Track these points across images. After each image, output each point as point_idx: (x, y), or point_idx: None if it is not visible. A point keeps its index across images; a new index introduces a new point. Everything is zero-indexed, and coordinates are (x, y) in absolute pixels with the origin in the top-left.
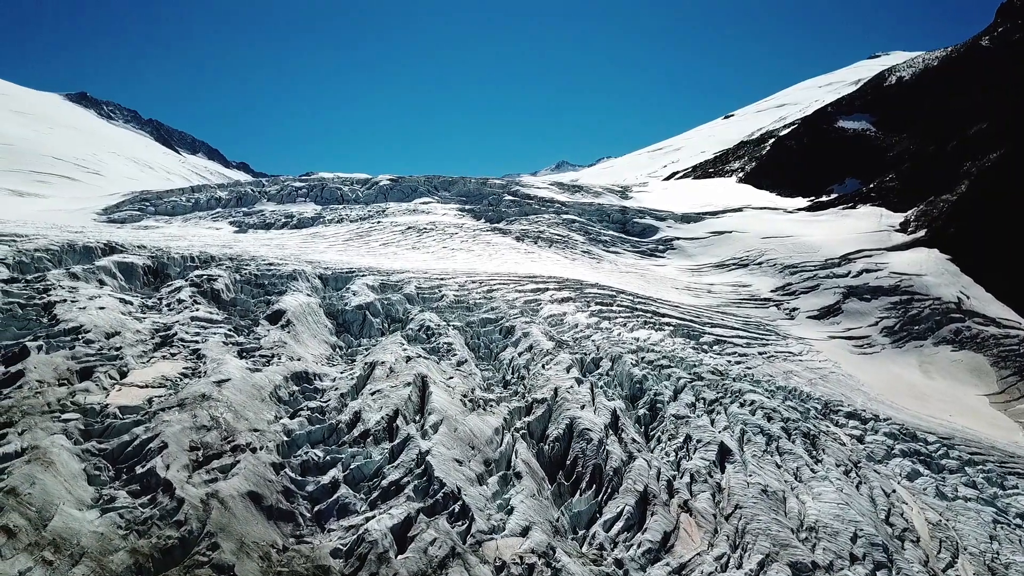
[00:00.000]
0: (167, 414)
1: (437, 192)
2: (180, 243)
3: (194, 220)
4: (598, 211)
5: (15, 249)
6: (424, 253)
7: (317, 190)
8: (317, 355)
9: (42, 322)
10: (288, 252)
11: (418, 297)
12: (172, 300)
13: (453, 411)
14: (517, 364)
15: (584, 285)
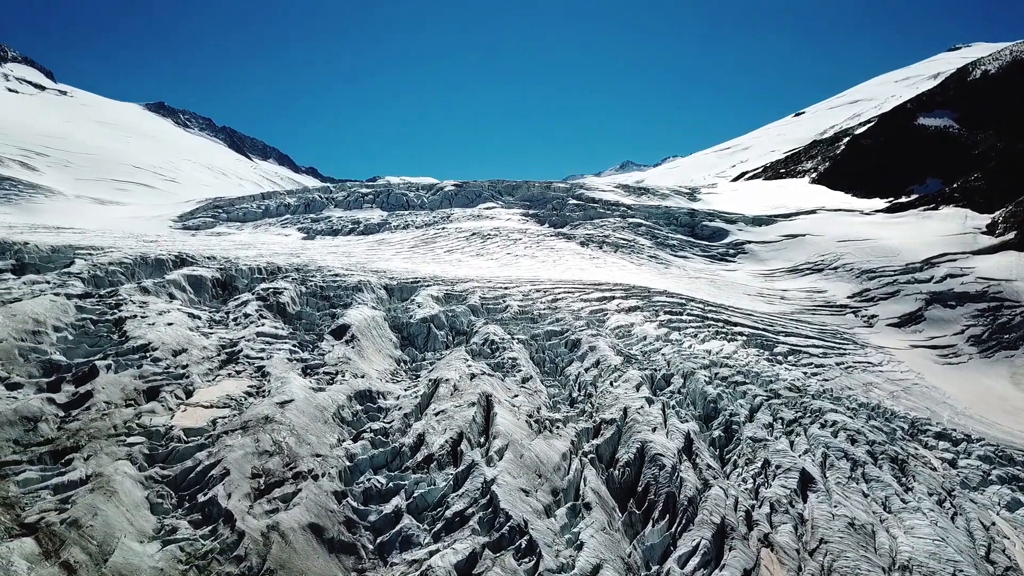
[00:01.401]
0: (230, 438)
1: (501, 197)
2: (249, 252)
3: (264, 227)
4: (665, 214)
5: (90, 263)
6: (488, 260)
7: (383, 196)
8: (381, 370)
9: (112, 339)
10: (354, 260)
11: (482, 308)
12: (239, 314)
13: (518, 435)
14: (584, 381)
15: (652, 293)
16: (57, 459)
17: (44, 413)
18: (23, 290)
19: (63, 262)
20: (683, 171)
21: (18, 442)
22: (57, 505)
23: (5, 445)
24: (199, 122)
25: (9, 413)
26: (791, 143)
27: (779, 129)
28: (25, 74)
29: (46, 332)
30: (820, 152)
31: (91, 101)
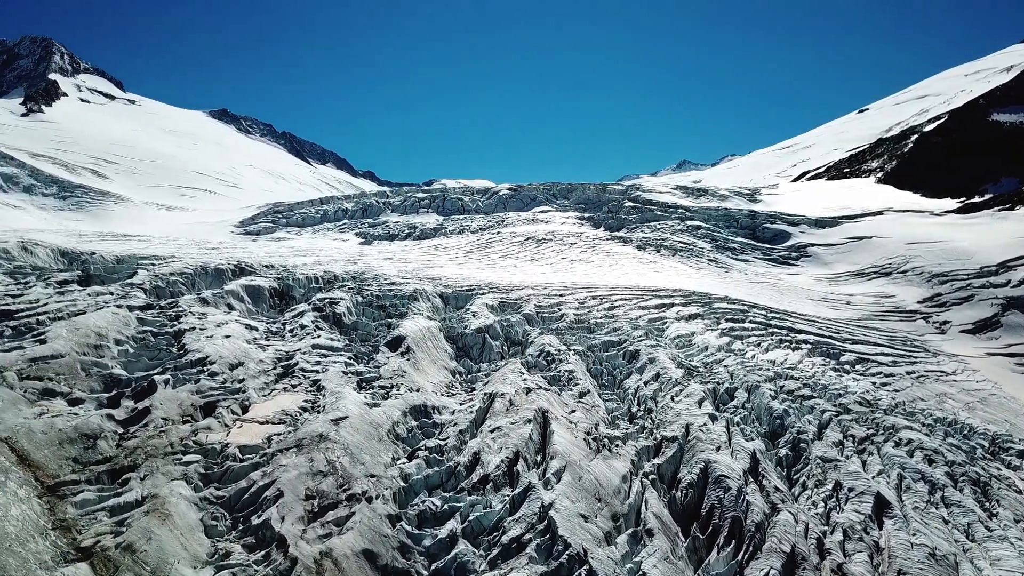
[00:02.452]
0: (284, 456)
1: (556, 200)
2: (307, 259)
3: (323, 231)
4: (725, 216)
5: (152, 273)
6: (543, 265)
7: (439, 201)
8: (436, 383)
9: (171, 352)
10: (410, 267)
11: (537, 317)
12: (295, 325)
13: (576, 455)
14: (643, 395)
15: (712, 299)
16: (114, 478)
17: (103, 430)
18: (87, 302)
19: (126, 272)
20: (742, 171)
21: (77, 460)
22: (113, 528)
23: (65, 464)
24: (260, 128)
25: (70, 430)
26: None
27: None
28: (96, 84)
29: (108, 345)
30: (886, 150)
31: (158, 109)
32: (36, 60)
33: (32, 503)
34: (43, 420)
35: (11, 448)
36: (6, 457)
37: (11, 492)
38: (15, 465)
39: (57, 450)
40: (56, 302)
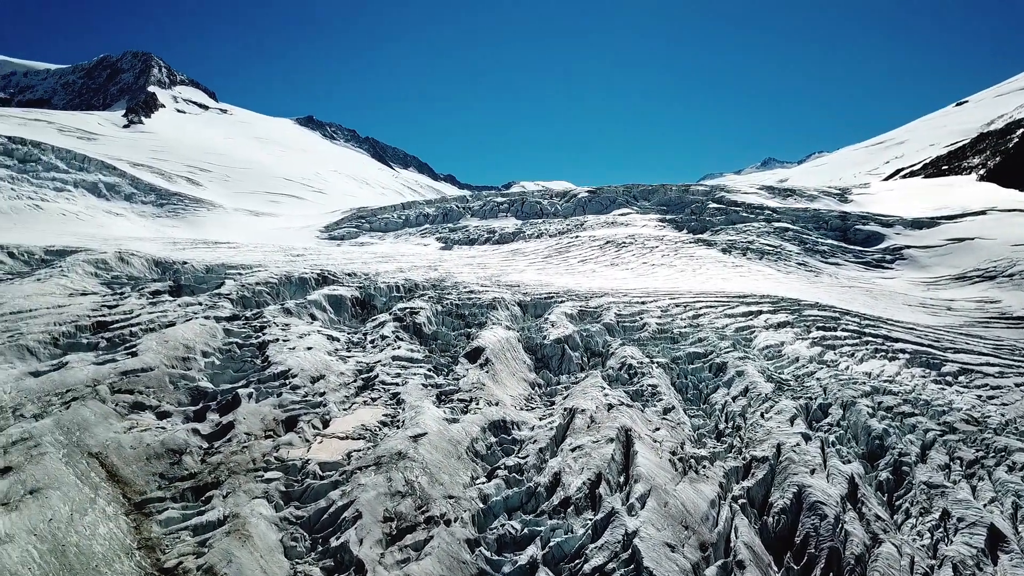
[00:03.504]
0: (363, 475)
1: (636, 202)
2: (388, 266)
3: (404, 236)
4: (814, 217)
5: (239, 283)
6: (623, 270)
7: (518, 205)
8: (515, 396)
9: (255, 363)
10: (489, 273)
11: (618, 326)
12: (376, 336)
13: (661, 478)
14: (731, 411)
15: (802, 305)
16: (198, 495)
17: (189, 445)
18: (177, 313)
19: (215, 282)
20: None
21: (163, 476)
22: (195, 548)
23: (151, 480)
24: (344, 134)
25: (157, 445)
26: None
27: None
28: (192, 95)
29: (195, 358)
30: (989, 146)
31: (248, 118)
32: (137, 74)
33: (119, 521)
34: (132, 435)
35: (101, 464)
36: (96, 473)
37: (99, 510)
38: (104, 481)
39: (144, 466)
40: (148, 313)
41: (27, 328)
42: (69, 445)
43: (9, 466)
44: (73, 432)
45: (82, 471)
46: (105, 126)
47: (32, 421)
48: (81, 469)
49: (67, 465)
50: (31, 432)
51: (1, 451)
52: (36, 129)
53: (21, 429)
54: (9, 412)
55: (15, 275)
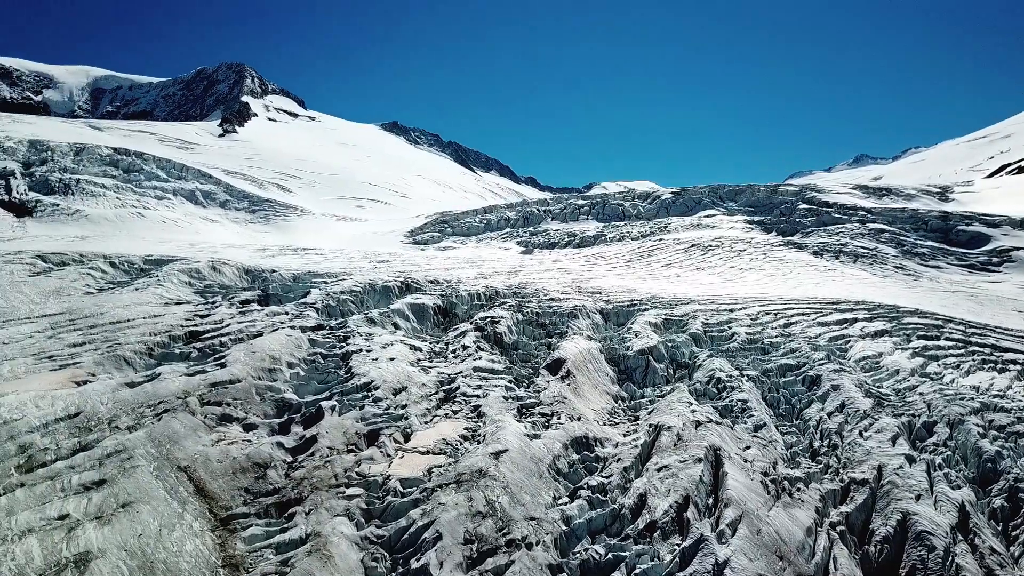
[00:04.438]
0: (444, 493)
1: (722, 203)
2: (470, 272)
3: (486, 240)
4: (912, 217)
5: (324, 292)
6: (709, 275)
7: (599, 207)
8: (598, 410)
9: (339, 374)
10: (570, 278)
11: (705, 336)
12: (457, 346)
13: (753, 502)
14: (827, 428)
15: (901, 312)
16: (281, 512)
17: (273, 459)
18: (265, 323)
19: (301, 291)
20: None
21: (248, 491)
22: (277, 568)
23: (237, 494)
24: (428, 139)
25: (243, 459)
26: None
27: None
28: (282, 104)
29: (280, 369)
30: None
31: (335, 125)
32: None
33: (205, 537)
34: (219, 448)
35: (189, 478)
36: (184, 487)
37: (187, 526)
38: (192, 496)
39: (230, 480)
40: (237, 323)
41: (124, 338)
42: (159, 458)
43: (103, 479)
44: (164, 445)
45: (171, 485)
46: (202, 135)
47: (126, 433)
48: (170, 483)
49: (157, 479)
50: (124, 444)
51: (97, 463)
52: (139, 140)
53: (116, 441)
54: (105, 424)
55: (116, 284)
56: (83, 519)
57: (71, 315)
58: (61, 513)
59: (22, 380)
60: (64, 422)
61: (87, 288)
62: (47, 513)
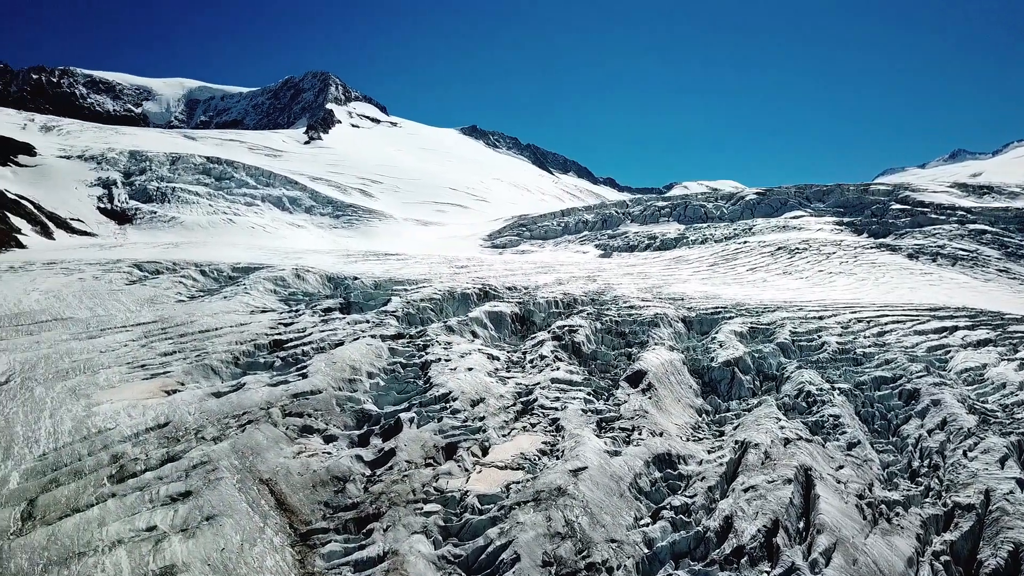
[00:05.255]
0: (522, 512)
1: (809, 204)
2: (547, 278)
3: (563, 244)
4: (1017, 217)
5: (405, 300)
6: (796, 279)
7: (680, 209)
8: (681, 425)
9: (418, 384)
10: (650, 283)
11: (793, 346)
12: (535, 356)
13: (848, 528)
14: (927, 447)
15: (1006, 320)
16: (360, 527)
17: (352, 473)
18: (346, 331)
19: (382, 299)
20: None
21: (328, 505)
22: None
23: (317, 509)
24: (507, 142)
25: (323, 472)
26: None
27: None
28: (365, 110)
29: (361, 379)
30: None
31: (416, 130)
32: (316, 92)
33: (285, 553)
34: (300, 460)
35: (271, 491)
36: (266, 501)
37: (267, 540)
38: (273, 509)
39: (311, 493)
40: (320, 331)
41: (212, 347)
42: (242, 470)
43: (189, 490)
44: (247, 457)
45: (253, 498)
46: (288, 143)
47: (211, 444)
48: (252, 496)
49: (240, 491)
50: (210, 456)
51: (183, 474)
52: (230, 149)
53: (201, 452)
54: (192, 434)
55: (205, 292)
56: (169, 531)
57: (163, 323)
58: (149, 525)
59: (116, 389)
60: (154, 432)
61: (179, 296)
62: (136, 524)
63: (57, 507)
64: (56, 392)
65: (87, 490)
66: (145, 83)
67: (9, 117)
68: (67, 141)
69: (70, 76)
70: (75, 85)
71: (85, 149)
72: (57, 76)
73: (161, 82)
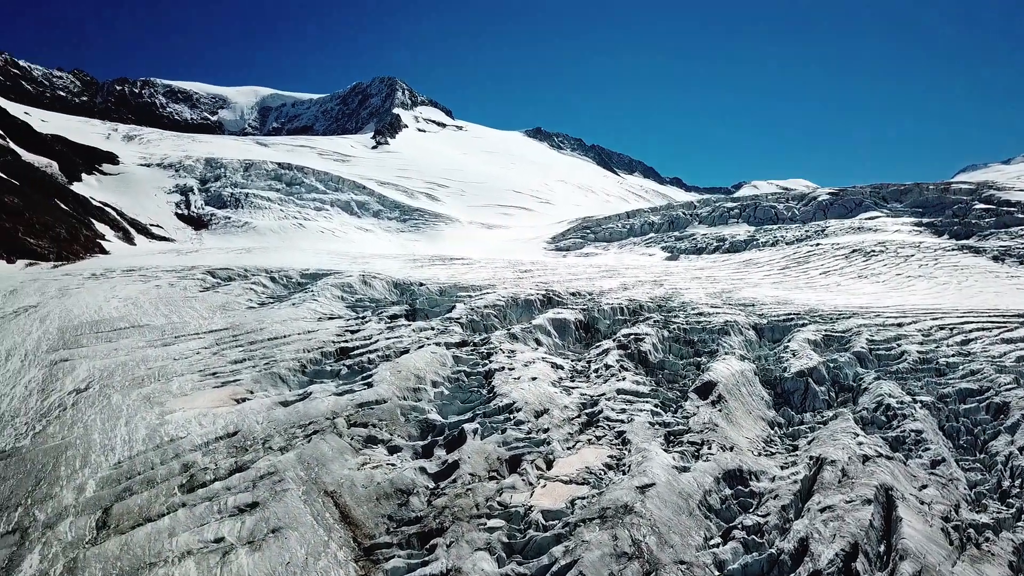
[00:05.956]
0: (587, 530)
1: (886, 204)
2: (612, 283)
3: (629, 246)
4: None
5: (469, 307)
6: (873, 283)
7: (749, 210)
8: (752, 438)
9: (481, 394)
10: (719, 288)
11: (870, 355)
12: (600, 365)
13: (934, 555)
14: (1019, 464)
15: None
16: (423, 542)
17: (416, 486)
18: (411, 339)
19: (447, 306)
20: None
21: (391, 518)
22: None
23: (380, 522)
24: (571, 143)
25: (386, 485)
26: None
27: None
28: (431, 115)
29: (425, 388)
30: None
31: (481, 133)
32: (383, 98)
33: (348, 568)
34: (364, 472)
35: (335, 503)
36: (330, 513)
37: (332, 555)
38: (337, 523)
39: (375, 506)
40: (385, 338)
41: (280, 355)
42: (308, 482)
43: (256, 501)
44: (312, 468)
45: (318, 511)
46: (357, 148)
47: (278, 454)
48: (317, 508)
49: (305, 503)
50: (276, 466)
51: (251, 484)
52: (300, 155)
53: (268, 463)
54: (260, 444)
55: (275, 299)
56: (236, 543)
57: (234, 331)
58: (217, 536)
59: (188, 397)
60: (223, 441)
61: (249, 303)
62: (204, 536)
63: (130, 516)
64: (132, 400)
65: (159, 499)
66: (220, 92)
67: (95, 128)
68: (147, 149)
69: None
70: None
71: (164, 157)
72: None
73: (235, 90)
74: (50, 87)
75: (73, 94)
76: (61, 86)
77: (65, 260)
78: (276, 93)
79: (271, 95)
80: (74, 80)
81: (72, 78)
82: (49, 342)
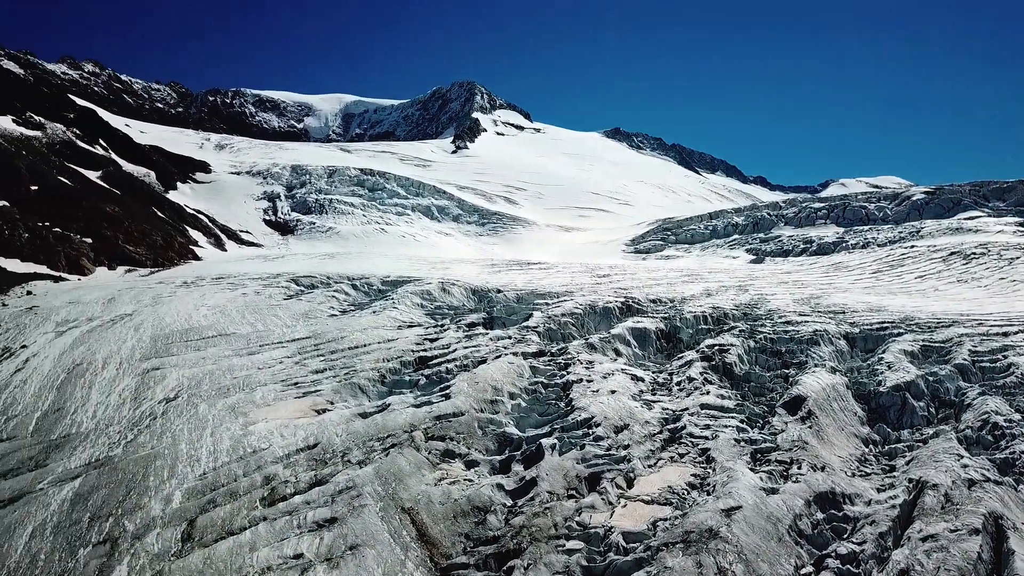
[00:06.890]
0: (669, 555)
1: (987, 203)
2: (694, 288)
3: (711, 248)
4: None
5: (546, 315)
6: (974, 288)
7: (838, 211)
8: (845, 458)
9: (559, 407)
10: (807, 293)
11: (974, 368)
12: (682, 377)
13: None
14: None
15: None
16: (500, 563)
17: (493, 503)
18: (488, 348)
19: (524, 314)
20: None
21: (468, 537)
22: None
23: (457, 540)
24: (651, 143)
25: (463, 502)
26: None
27: None
28: (509, 118)
29: (502, 400)
30: None
31: (559, 135)
32: (462, 102)
33: None
34: (441, 488)
35: (412, 520)
36: (407, 531)
37: (408, 575)
38: (414, 541)
39: (451, 524)
40: (463, 347)
41: (360, 365)
42: (385, 498)
43: (335, 517)
44: (390, 483)
45: (395, 528)
46: (436, 153)
47: (356, 468)
48: (394, 526)
49: (383, 520)
50: (354, 480)
51: (330, 499)
52: (382, 160)
53: (347, 477)
54: (339, 457)
55: (356, 306)
56: (315, 560)
57: (316, 339)
58: (296, 552)
59: (271, 407)
60: (303, 453)
61: (331, 311)
62: (284, 551)
63: (213, 529)
64: (217, 410)
65: (241, 512)
66: (305, 100)
67: (188, 137)
68: (237, 158)
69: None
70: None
71: (253, 165)
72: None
73: (319, 98)
74: (148, 99)
75: (169, 105)
76: (159, 98)
77: (160, 266)
78: (359, 100)
79: (354, 102)
80: (170, 92)
81: (168, 90)
82: (142, 350)
